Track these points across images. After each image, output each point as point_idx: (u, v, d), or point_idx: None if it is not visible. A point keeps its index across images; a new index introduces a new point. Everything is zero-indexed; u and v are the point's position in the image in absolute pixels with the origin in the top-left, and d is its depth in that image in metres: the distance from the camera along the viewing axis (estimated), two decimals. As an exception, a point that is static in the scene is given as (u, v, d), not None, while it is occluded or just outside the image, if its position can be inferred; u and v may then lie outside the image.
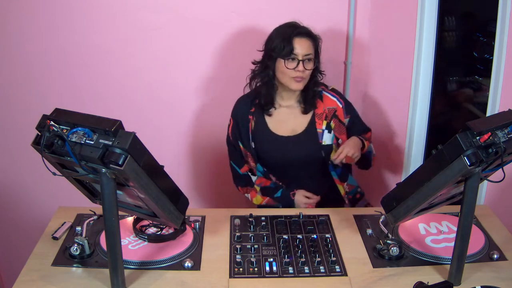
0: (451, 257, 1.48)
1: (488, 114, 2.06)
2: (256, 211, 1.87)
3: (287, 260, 1.58)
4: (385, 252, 1.61)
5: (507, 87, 1.92)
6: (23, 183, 2.71)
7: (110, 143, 1.25)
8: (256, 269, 1.56)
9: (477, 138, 1.32)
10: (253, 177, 2.16)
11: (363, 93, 2.70)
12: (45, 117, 1.31)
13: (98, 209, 1.72)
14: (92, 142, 1.26)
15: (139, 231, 1.70)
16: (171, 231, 1.71)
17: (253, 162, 2.11)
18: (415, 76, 2.37)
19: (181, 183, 1.57)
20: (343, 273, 1.55)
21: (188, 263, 1.57)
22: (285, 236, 1.73)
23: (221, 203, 2.83)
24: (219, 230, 1.76)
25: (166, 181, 1.45)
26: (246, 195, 2.19)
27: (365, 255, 1.64)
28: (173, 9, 2.45)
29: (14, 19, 2.40)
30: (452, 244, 1.46)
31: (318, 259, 1.59)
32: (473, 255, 1.60)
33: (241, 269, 1.56)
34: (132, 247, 1.64)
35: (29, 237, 2.00)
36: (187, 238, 1.70)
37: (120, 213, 1.45)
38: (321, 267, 1.57)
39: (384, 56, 2.57)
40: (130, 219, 1.77)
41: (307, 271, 1.55)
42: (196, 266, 1.57)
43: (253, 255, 1.62)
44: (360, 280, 1.51)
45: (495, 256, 1.60)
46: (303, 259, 1.59)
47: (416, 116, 2.43)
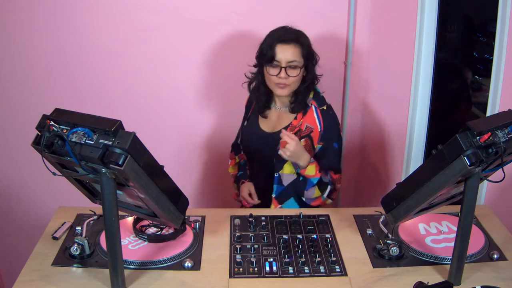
0: (451, 257, 1.48)
1: (488, 114, 2.06)
2: (256, 211, 1.87)
3: (287, 260, 1.58)
4: (385, 252, 1.61)
5: (507, 87, 1.92)
6: (23, 183, 2.71)
7: (110, 143, 1.25)
8: (256, 269, 1.56)
9: (477, 138, 1.32)
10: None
11: (363, 93, 2.70)
12: (45, 117, 1.31)
13: (98, 209, 1.72)
14: (92, 142, 1.26)
15: (139, 231, 1.70)
16: (171, 231, 1.71)
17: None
18: (415, 76, 2.37)
19: (181, 183, 1.57)
20: (343, 273, 1.55)
21: (188, 263, 1.57)
22: (285, 236, 1.72)
23: (221, 203, 2.83)
24: (219, 230, 1.76)
25: (166, 181, 1.45)
26: (230, 160, 2.31)
27: (365, 255, 1.64)
28: (173, 9, 2.45)
29: (14, 19, 2.40)
30: (452, 244, 1.46)
31: (318, 259, 1.59)
32: (473, 255, 1.60)
33: (241, 269, 1.56)
34: (132, 247, 1.64)
35: (29, 237, 2.00)
36: (187, 238, 1.70)
37: (120, 213, 1.45)
38: (321, 267, 1.57)
39: (384, 57, 2.57)
40: (130, 219, 1.77)
41: (307, 271, 1.55)
42: (196, 266, 1.57)
43: (253, 255, 1.62)
44: (360, 280, 1.51)
45: (495, 256, 1.60)
46: (303, 259, 1.59)
47: (416, 116, 2.43)
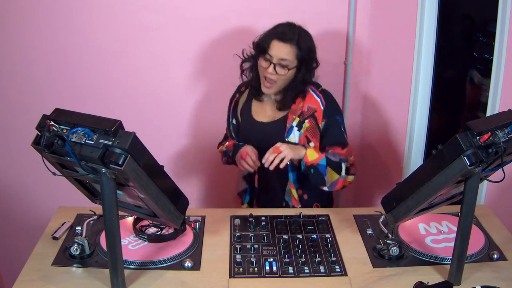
0: (451, 257, 1.48)
1: (488, 114, 2.06)
2: (256, 211, 1.87)
3: (287, 260, 1.58)
4: (385, 252, 1.61)
5: (507, 87, 1.92)
6: (23, 183, 2.71)
7: (110, 143, 1.25)
8: (256, 269, 1.56)
9: (477, 138, 1.32)
10: None
11: (363, 93, 2.70)
12: (45, 117, 1.31)
13: (98, 209, 1.72)
14: (92, 142, 1.26)
15: (139, 231, 1.70)
16: (171, 231, 1.71)
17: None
18: (415, 76, 2.37)
19: (181, 183, 1.57)
20: (343, 273, 1.55)
21: (188, 263, 1.57)
22: (285, 236, 1.72)
23: (221, 203, 2.83)
24: (219, 230, 1.76)
25: (166, 181, 1.45)
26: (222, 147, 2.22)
27: (365, 255, 1.64)
28: (173, 9, 2.45)
29: (14, 19, 2.40)
30: (452, 244, 1.46)
31: (318, 259, 1.59)
32: (473, 255, 1.60)
33: (241, 269, 1.56)
34: (132, 247, 1.64)
35: (29, 237, 2.00)
36: (187, 238, 1.70)
37: (120, 213, 1.45)
38: (321, 267, 1.57)
39: (384, 56, 2.57)
40: (130, 219, 1.77)
41: (307, 271, 1.55)
42: (196, 266, 1.57)
43: (253, 255, 1.62)
44: (360, 280, 1.51)
45: (495, 256, 1.60)
46: (303, 259, 1.59)
47: (416, 116, 2.43)
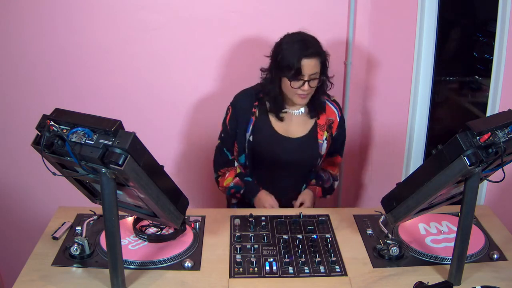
0: (451, 257, 1.48)
1: (488, 114, 2.06)
2: (256, 211, 1.87)
3: (287, 260, 1.58)
4: (385, 252, 1.61)
5: (507, 87, 1.92)
6: (23, 183, 2.71)
7: (110, 143, 1.25)
8: (256, 269, 1.56)
9: (477, 138, 1.32)
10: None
11: (363, 93, 2.70)
12: (45, 117, 1.31)
13: (98, 209, 1.72)
14: (92, 142, 1.26)
15: (139, 231, 1.70)
16: (171, 231, 1.71)
17: (237, 154, 2.14)
18: (415, 76, 2.37)
19: (181, 183, 1.57)
20: (343, 273, 1.55)
21: (188, 263, 1.57)
22: (285, 236, 1.72)
23: (221, 203, 2.82)
24: (219, 230, 1.76)
25: (166, 181, 1.45)
26: (222, 176, 2.17)
27: (365, 255, 1.64)
28: (173, 9, 2.45)
29: (14, 19, 2.40)
30: (452, 244, 1.46)
31: (318, 259, 1.59)
32: (473, 255, 1.60)
33: (241, 269, 1.56)
34: (132, 247, 1.64)
35: (29, 237, 2.00)
36: (187, 238, 1.70)
37: (120, 213, 1.45)
38: (321, 267, 1.57)
39: (384, 57, 2.57)
40: (130, 219, 1.77)
41: (307, 271, 1.55)
42: (196, 266, 1.57)
43: (253, 255, 1.62)
44: (360, 280, 1.51)
45: (495, 256, 1.60)
46: (303, 259, 1.59)
47: (416, 116, 2.43)
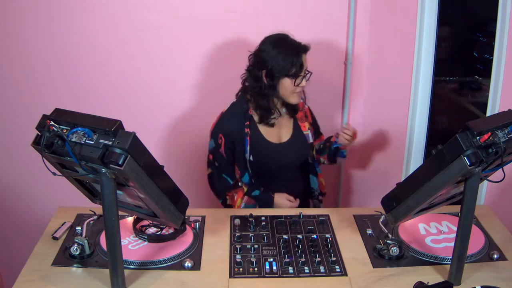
0: (451, 257, 1.48)
1: (488, 114, 2.06)
2: (256, 211, 1.87)
3: (287, 260, 1.58)
4: (385, 252, 1.61)
5: (507, 87, 1.92)
6: (23, 183, 2.71)
7: (110, 143, 1.25)
8: (256, 269, 1.56)
9: (477, 138, 1.32)
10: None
11: (363, 93, 2.70)
12: (45, 117, 1.31)
13: (98, 209, 1.72)
14: (92, 142, 1.26)
15: (139, 231, 1.70)
16: (171, 231, 1.71)
17: (240, 175, 2.11)
18: (415, 76, 2.37)
19: (181, 183, 1.57)
20: (343, 273, 1.55)
21: (188, 263, 1.57)
22: (285, 236, 1.72)
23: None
24: (219, 230, 1.76)
25: (166, 181, 1.45)
26: (231, 199, 2.15)
27: (365, 255, 1.64)
28: (173, 9, 2.45)
29: (14, 19, 2.40)
30: (452, 244, 1.46)
31: (318, 259, 1.59)
32: (473, 255, 1.60)
33: (241, 269, 1.56)
34: (132, 247, 1.64)
35: (29, 237, 2.00)
36: (187, 238, 1.70)
37: (120, 213, 1.45)
38: (321, 267, 1.57)
39: (384, 57, 2.57)
40: (130, 219, 1.77)
41: (307, 271, 1.55)
42: (196, 266, 1.57)
43: (253, 255, 1.62)
44: (360, 280, 1.51)
45: (495, 256, 1.60)
46: (303, 259, 1.59)
47: (416, 116, 2.43)
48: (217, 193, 2.20)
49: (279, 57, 1.92)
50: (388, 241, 1.62)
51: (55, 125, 1.27)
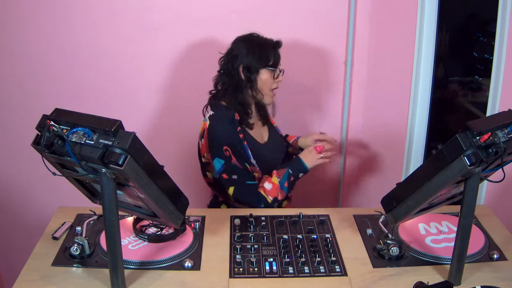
0: (451, 257, 1.48)
1: (488, 114, 2.06)
2: (256, 211, 1.87)
3: (287, 260, 1.58)
4: (385, 252, 1.61)
5: (507, 87, 1.92)
6: (23, 183, 2.71)
7: (110, 143, 1.25)
8: (256, 269, 1.56)
9: (477, 138, 1.32)
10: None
11: (363, 93, 2.70)
12: (45, 117, 1.31)
13: (98, 209, 1.72)
14: (92, 142, 1.26)
15: (139, 231, 1.70)
16: (171, 231, 1.71)
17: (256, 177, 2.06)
18: (415, 76, 2.37)
19: (181, 183, 1.57)
20: (343, 273, 1.55)
21: (188, 263, 1.57)
22: (285, 236, 1.72)
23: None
24: (219, 230, 1.76)
25: (166, 181, 1.45)
26: (264, 189, 2.01)
27: (365, 255, 1.64)
28: (173, 9, 2.45)
29: (15, 19, 2.40)
30: (452, 244, 1.46)
31: (318, 259, 1.59)
32: (473, 255, 1.60)
33: (241, 269, 1.56)
34: (132, 247, 1.64)
35: (29, 237, 2.00)
36: (187, 238, 1.70)
37: (120, 213, 1.45)
38: (321, 267, 1.57)
39: (384, 57, 2.57)
40: (130, 219, 1.77)
41: (307, 271, 1.55)
42: (196, 266, 1.57)
43: (253, 255, 1.62)
44: (360, 280, 1.51)
45: (495, 256, 1.60)
46: (303, 259, 1.59)
47: (416, 116, 2.43)
48: (252, 202, 1.99)
49: (255, 50, 1.95)
50: (388, 241, 1.62)
51: (55, 125, 1.27)
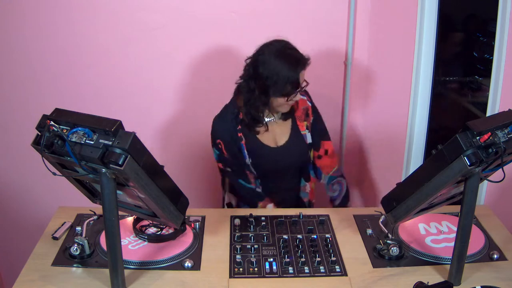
0: (451, 257, 1.48)
1: (488, 114, 2.06)
2: (256, 211, 1.87)
3: (287, 260, 1.58)
4: (385, 252, 1.61)
5: (507, 87, 1.92)
6: (23, 183, 2.71)
7: (110, 143, 1.25)
8: (256, 269, 1.56)
9: (477, 138, 1.32)
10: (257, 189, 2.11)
11: (363, 93, 2.70)
12: (45, 117, 1.31)
13: (98, 209, 1.72)
14: (92, 142, 1.26)
15: (139, 231, 1.70)
16: (171, 231, 1.71)
17: (253, 178, 2.07)
18: (415, 76, 2.37)
19: (181, 183, 1.57)
20: (343, 273, 1.55)
21: (188, 263, 1.57)
22: (285, 236, 1.73)
23: (221, 203, 2.82)
24: (219, 230, 1.76)
25: (166, 181, 1.45)
26: (268, 206, 2.11)
27: (365, 255, 1.64)
28: (173, 9, 2.45)
29: (15, 19, 2.40)
30: (452, 244, 1.46)
31: (318, 259, 1.59)
32: (473, 255, 1.61)
33: (241, 269, 1.56)
34: (132, 247, 1.64)
35: (29, 237, 2.00)
36: (187, 238, 1.70)
37: (120, 213, 1.45)
38: (321, 267, 1.57)
39: (384, 56, 2.57)
40: (130, 219, 1.77)
41: (307, 271, 1.55)
42: (196, 266, 1.57)
43: (253, 255, 1.62)
44: (360, 280, 1.51)
45: (495, 256, 1.60)
46: (303, 259, 1.59)
47: (416, 116, 2.42)
48: (243, 198, 2.11)
49: (276, 76, 1.84)
50: (388, 241, 1.62)
51: (55, 125, 1.27)
